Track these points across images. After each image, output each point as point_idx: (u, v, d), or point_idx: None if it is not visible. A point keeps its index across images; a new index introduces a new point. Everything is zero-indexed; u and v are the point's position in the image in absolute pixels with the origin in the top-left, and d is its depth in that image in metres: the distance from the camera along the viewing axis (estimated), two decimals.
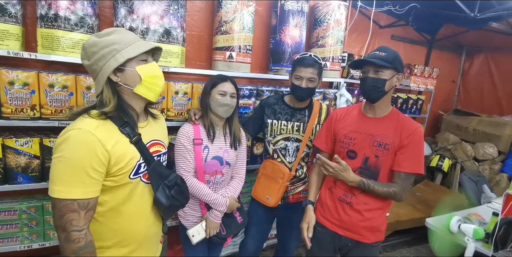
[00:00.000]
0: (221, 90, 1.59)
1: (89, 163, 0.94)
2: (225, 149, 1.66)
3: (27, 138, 1.59)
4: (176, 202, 1.19)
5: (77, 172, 0.93)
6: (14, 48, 1.54)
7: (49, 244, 1.74)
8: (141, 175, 1.09)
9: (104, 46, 1.00)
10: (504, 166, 3.69)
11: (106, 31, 1.03)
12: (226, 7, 2.00)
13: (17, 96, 1.52)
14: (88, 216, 0.96)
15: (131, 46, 1.02)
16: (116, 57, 1.00)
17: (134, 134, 1.06)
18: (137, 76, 1.04)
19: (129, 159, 1.03)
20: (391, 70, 1.42)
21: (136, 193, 1.09)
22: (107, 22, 1.90)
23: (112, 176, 1.01)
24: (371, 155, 1.47)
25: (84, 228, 0.95)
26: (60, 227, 0.93)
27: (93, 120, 0.99)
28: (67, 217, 0.92)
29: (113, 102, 1.02)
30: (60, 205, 0.92)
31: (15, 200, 1.71)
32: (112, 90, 1.04)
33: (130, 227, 1.10)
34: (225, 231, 1.68)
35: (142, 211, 1.13)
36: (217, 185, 1.67)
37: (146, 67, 1.06)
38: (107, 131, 1.00)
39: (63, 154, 0.93)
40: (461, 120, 4.19)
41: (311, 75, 1.67)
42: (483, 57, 4.37)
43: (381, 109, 1.50)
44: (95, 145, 0.95)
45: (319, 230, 1.61)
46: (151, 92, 1.09)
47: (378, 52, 1.42)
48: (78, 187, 0.93)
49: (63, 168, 0.93)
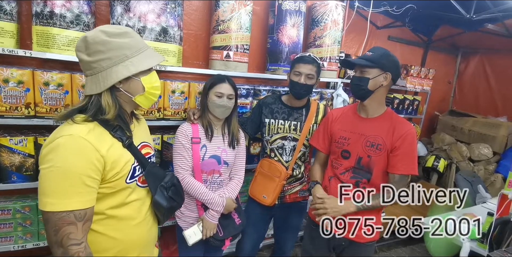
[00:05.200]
0: (218, 92, 1.58)
1: (85, 170, 0.88)
2: (223, 148, 1.66)
3: (21, 136, 1.57)
4: (174, 203, 1.17)
5: (71, 181, 0.87)
6: (9, 46, 1.52)
7: (44, 244, 1.73)
8: (136, 178, 1.06)
9: (112, 48, 0.94)
10: (499, 166, 3.72)
11: (116, 31, 0.96)
12: (223, 6, 1.99)
13: (12, 94, 1.51)
14: (86, 227, 0.91)
15: (142, 54, 0.99)
16: (126, 65, 0.96)
17: (126, 137, 1.02)
18: (141, 86, 1.02)
19: (125, 163, 1.00)
20: (377, 69, 1.43)
21: (133, 198, 1.05)
22: (103, 20, 1.88)
23: (108, 182, 0.96)
24: (364, 155, 1.48)
25: (83, 241, 0.89)
26: (56, 243, 0.86)
27: (82, 126, 0.93)
28: (63, 230, 0.86)
29: (114, 110, 0.97)
30: (54, 218, 0.85)
31: (9, 199, 1.69)
32: (112, 97, 0.98)
33: (130, 234, 1.06)
34: (223, 232, 1.65)
35: (140, 215, 1.09)
36: (214, 185, 1.66)
37: (149, 77, 1.04)
38: (99, 135, 0.95)
39: (53, 164, 0.86)
40: (456, 121, 4.21)
41: (310, 72, 1.69)
42: (479, 59, 4.40)
43: (374, 110, 1.51)
44: (89, 151, 0.89)
45: (314, 229, 1.61)
46: (148, 101, 1.07)
47: (368, 53, 1.46)
48: (73, 198, 0.87)
49: (55, 178, 0.86)
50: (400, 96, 3.46)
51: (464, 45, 4.36)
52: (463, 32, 3.58)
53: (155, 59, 1.03)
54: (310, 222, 1.67)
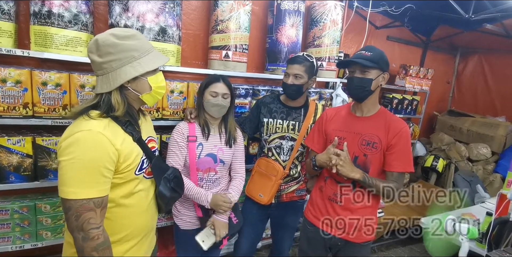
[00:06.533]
0: (212, 91, 1.60)
1: (103, 162, 0.97)
2: (220, 147, 1.67)
3: (19, 136, 1.56)
4: (176, 193, 1.26)
5: (91, 172, 0.96)
6: (7, 46, 1.52)
7: (42, 245, 1.72)
8: (144, 170, 1.14)
9: (122, 51, 1.02)
10: (498, 166, 3.73)
11: (125, 33, 1.04)
12: (222, 6, 1.99)
13: (9, 94, 1.50)
14: (102, 213, 1.00)
15: (148, 55, 1.07)
16: (134, 65, 1.04)
17: (136, 132, 1.11)
18: (148, 86, 1.10)
19: (135, 156, 1.08)
20: (377, 70, 1.43)
21: (139, 188, 1.13)
22: (101, 19, 1.88)
23: (120, 173, 1.04)
24: (360, 153, 1.48)
25: (101, 225, 0.99)
26: (77, 228, 0.95)
27: (99, 121, 1.01)
28: (84, 216, 0.95)
29: (122, 107, 1.06)
30: (76, 205, 0.94)
31: (6, 200, 1.69)
32: (121, 95, 1.07)
33: (136, 221, 1.15)
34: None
35: (145, 204, 1.17)
36: (210, 183, 1.67)
37: (156, 77, 1.12)
38: (113, 130, 1.03)
39: (75, 156, 0.94)
40: (455, 121, 4.22)
41: (297, 72, 1.68)
42: (477, 59, 4.41)
43: (369, 109, 1.52)
44: (106, 145, 0.98)
45: (310, 229, 1.61)
46: (153, 99, 1.16)
47: (364, 52, 1.43)
48: (93, 187, 0.96)
49: (77, 169, 0.94)
50: (399, 96, 3.47)
51: (462, 45, 4.37)
52: (461, 32, 3.59)
53: (161, 60, 1.11)
54: (306, 222, 1.66)
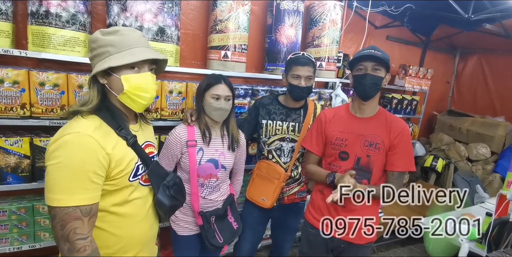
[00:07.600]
0: (214, 94, 1.49)
1: (91, 167, 0.90)
2: (222, 151, 1.60)
3: (17, 137, 1.55)
4: (176, 201, 1.19)
5: (78, 177, 0.89)
6: (4, 46, 1.51)
7: (40, 246, 1.71)
8: (139, 177, 1.07)
9: (101, 46, 0.98)
10: (497, 166, 3.73)
11: (111, 29, 1.00)
12: (221, 6, 1.98)
13: (7, 95, 1.49)
14: (91, 222, 0.92)
15: (124, 52, 0.97)
16: (106, 61, 0.97)
17: (131, 136, 1.04)
18: (121, 84, 0.99)
19: (129, 161, 1.01)
20: (384, 69, 1.44)
21: (135, 196, 1.06)
22: (99, 19, 1.87)
23: (112, 179, 0.98)
24: (362, 155, 1.47)
25: (89, 235, 0.91)
26: (63, 237, 0.88)
27: (89, 123, 0.95)
28: (70, 225, 0.87)
29: (94, 102, 0.98)
30: (61, 214, 0.87)
31: (4, 201, 1.68)
32: (98, 90, 1.00)
33: (132, 231, 1.07)
34: (222, 239, 1.60)
35: (142, 213, 1.10)
36: (211, 189, 1.60)
37: (132, 77, 0.99)
38: (105, 133, 0.97)
39: (61, 160, 0.88)
40: (454, 121, 4.22)
41: (309, 74, 1.68)
42: (477, 59, 4.40)
43: (370, 109, 1.51)
44: (95, 149, 0.91)
45: (311, 232, 1.60)
46: (134, 103, 1.03)
47: (374, 51, 1.41)
48: (80, 194, 0.89)
49: (63, 174, 0.88)
50: (398, 96, 3.46)
51: (462, 45, 4.37)
52: (461, 32, 3.59)
53: (136, 56, 0.98)
54: (308, 225, 1.64)
